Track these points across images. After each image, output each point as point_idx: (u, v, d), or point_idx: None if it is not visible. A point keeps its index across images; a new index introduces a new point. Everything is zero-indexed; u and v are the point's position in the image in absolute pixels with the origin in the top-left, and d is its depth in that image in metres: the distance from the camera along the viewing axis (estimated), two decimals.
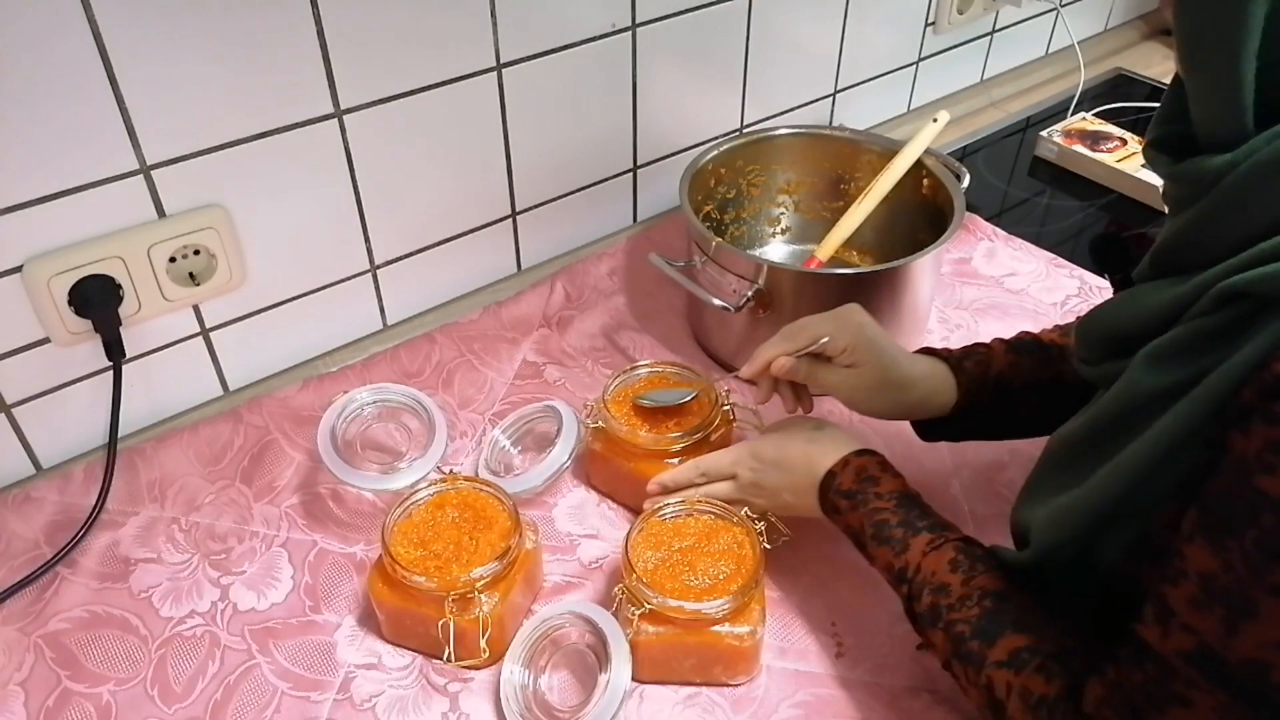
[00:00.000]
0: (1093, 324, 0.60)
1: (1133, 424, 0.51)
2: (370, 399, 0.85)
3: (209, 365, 0.94)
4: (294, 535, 0.83)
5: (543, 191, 1.09)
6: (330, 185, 0.91)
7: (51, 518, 0.83)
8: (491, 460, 0.88)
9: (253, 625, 0.76)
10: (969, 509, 0.86)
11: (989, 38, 1.47)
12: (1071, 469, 0.57)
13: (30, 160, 0.74)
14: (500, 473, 0.87)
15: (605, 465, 0.85)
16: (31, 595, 0.77)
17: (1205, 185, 0.50)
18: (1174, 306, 0.50)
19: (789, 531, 0.76)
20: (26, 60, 0.71)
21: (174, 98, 0.78)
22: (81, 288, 0.80)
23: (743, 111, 1.22)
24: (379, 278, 1.00)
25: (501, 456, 0.89)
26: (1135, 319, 0.54)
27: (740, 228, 1.14)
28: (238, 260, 0.88)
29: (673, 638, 0.69)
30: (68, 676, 0.72)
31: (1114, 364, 0.55)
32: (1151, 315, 0.52)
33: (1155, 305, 0.52)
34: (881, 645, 0.75)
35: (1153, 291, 0.53)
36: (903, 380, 0.77)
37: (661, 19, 1.06)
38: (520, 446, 0.90)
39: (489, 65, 0.95)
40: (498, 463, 0.88)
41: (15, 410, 0.84)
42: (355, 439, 0.84)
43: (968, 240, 1.17)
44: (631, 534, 0.72)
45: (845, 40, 1.26)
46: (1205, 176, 0.50)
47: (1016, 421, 0.80)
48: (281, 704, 0.71)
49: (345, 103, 0.87)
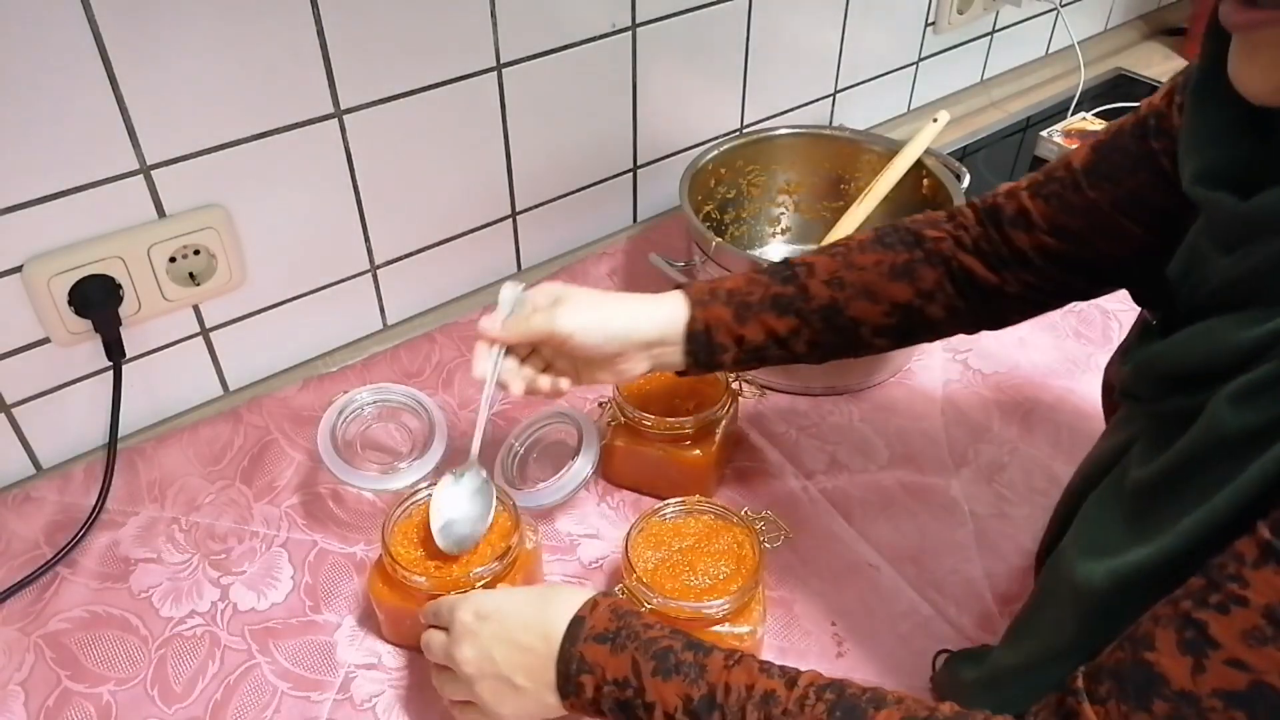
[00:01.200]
0: (1155, 362, 0.54)
1: (1219, 467, 0.46)
2: (370, 399, 0.85)
3: (209, 365, 0.94)
4: (294, 535, 0.83)
5: (543, 191, 1.09)
6: (330, 185, 0.91)
7: (51, 518, 0.83)
8: (507, 469, 0.87)
9: (253, 625, 0.76)
10: (969, 509, 0.86)
11: (989, 38, 1.47)
12: (1148, 518, 0.50)
13: (30, 160, 0.74)
14: (515, 482, 0.86)
15: (629, 458, 0.85)
16: (31, 595, 0.77)
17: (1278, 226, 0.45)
18: (1257, 345, 0.46)
19: (790, 531, 0.76)
20: (26, 60, 0.70)
21: (174, 98, 0.78)
22: (81, 288, 0.80)
23: (743, 111, 1.22)
24: (379, 278, 1.00)
25: (517, 466, 0.89)
26: (1209, 357, 0.49)
27: (740, 228, 1.14)
28: (238, 260, 0.88)
29: None
30: (68, 676, 0.72)
31: (1176, 401, 0.51)
32: (1231, 354, 0.47)
33: (1235, 344, 0.47)
34: (881, 645, 0.75)
35: (1228, 329, 0.48)
36: (617, 299, 0.71)
37: (661, 19, 1.06)
38: (534, 454, 0.90)
39: (489, 65, 0.95)
40: (513, 472, 0.87)
41: (15, 410, 0.84)
42: (355, 439, 0.84)
43: None
44: (631, 534, 0.72)
45: (845, 40, 1.26)
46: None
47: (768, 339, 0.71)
48: (281, 704, 0.71)
49: (345, 103, 0.87)
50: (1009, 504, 0.87)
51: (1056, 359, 1.01)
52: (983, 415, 0.95)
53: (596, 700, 0.56)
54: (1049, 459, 0.90)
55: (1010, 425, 0.94)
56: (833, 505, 0.86)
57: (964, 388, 0.99)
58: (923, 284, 0.71)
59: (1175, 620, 0.44)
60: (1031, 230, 0.68)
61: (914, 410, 0.96)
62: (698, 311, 0.71)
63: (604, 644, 0.57)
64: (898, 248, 0.71)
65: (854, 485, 0.88)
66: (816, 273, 0.71)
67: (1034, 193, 0.69)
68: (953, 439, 0.93)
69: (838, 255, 0.72)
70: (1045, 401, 0.96)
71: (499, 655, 0.59)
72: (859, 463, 0.90)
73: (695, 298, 0.71)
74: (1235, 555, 0.43)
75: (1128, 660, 0.45)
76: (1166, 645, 0.44)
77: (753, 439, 0.93)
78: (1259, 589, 0.41)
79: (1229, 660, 0.42)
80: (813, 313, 0.71)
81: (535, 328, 0.69)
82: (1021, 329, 1.05)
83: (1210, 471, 0.46)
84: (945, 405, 0.97)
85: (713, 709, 0.53)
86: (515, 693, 0.59)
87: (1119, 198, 0.64)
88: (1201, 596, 0.43)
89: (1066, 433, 0.93)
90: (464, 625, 0.62)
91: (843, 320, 0.71)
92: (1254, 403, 0.45)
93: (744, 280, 0.72)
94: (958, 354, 1.02)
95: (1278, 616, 0.41)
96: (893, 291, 0.71)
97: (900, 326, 0.72)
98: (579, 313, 0.69)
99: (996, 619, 0.77)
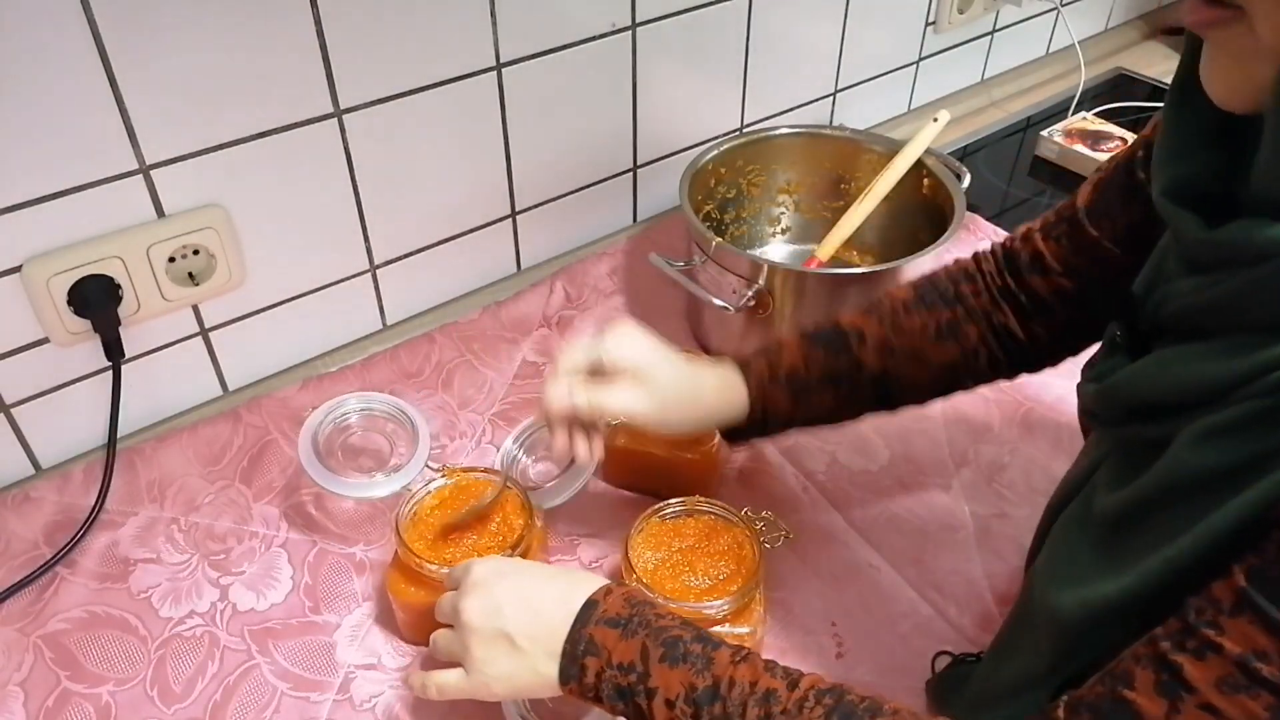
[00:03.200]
0: (1119, 390, 0.53)
1: (1184, 507, 0.46)
2: (354, 407, 0.83)
3: (208, 365, 0.94)
4: (293, 535, 0.83)
5: (543, 191, 1.08)
6: (330, 185, 0.91)
7: (51, 518, 0.83)
8: (507, 469, 0.87)
9: (252, 625, 0.76)
10: (969, 509, 0.86)
11: (989, 37, 1.47)
12: (1115, 550, 0.51)
13: (30, 160, 0.74)
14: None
15: (629, 458, 0.85)
16: (31, 595, 0.77)
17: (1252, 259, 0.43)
18: (1223, 382, 0.45)
19: (790, 531, 0.76)
20: (26, 60, 0.70)
21: (174, 98, 0.78)
22: (81, 288, 0.79)
23: (743, 111, 1.22)
24: (379, 278, 1.00)
25: (517, 468, 0.89)
26: (1175, 390, 0.48)
27: (740, 228, 1.14)
28: (237, 260, 0.88)
29: None
30: (67, 677, 0.72)
31: (1140, 428, 0.51)
32: (1196, 389, 0.47)
33: (1200, 379, 0.46)
34: (881, 645, 0.75)
35: (1192, 360, 0.47)
36: (693, 389, 0.71)
37: (661, 19, 1.06)
38: (534, 456, 0.90)
39: (489, 65, 0.95)
40: (513, 473, 0.87)
41: (15, 410, 0.84)
42: (337, 447, 0.83)
43: (968, 240, 1.17)
44: (631, 534, 0.72)
45: (845, 40, 1.26)
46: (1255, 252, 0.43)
47: (819, 413, 0.74)
48: (281, 704, 0.71)
49: (345, 102, 0.87)
50: (1009, 504, 0.86)
51: None
52: (983, 415, 0.95)
53: (596, 685, 0.56)
54: (1049, 459, 0.90)
55: (1010, 425, 0.94)
56: (833, 505, 0.86)
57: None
58: (966, 343, 0.72)
59: (1153, 661, 0.45)
60: (1047, 275, 0.69)
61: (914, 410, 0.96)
62: (756, 400, 0.73)
63: (615, 628, 0.56)
64: (939, 307, 0.73)
65: (854, 485, 0.88)
66: (868, 341, 0.73)
67: (1045, 234, 0.70)
68: (953, 439, 0.93)
69: (884, 320, 0.73)
70: (1045, 401, 0.96)
71: (508, 610, 0.58)
72: (859, 463, 0.90)
73: (756, 385, 0.73)
74: (1212, 600, 0.43)
75: (1106, 696, 0.46)
76: (1144, 685, 0.45)
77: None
78: (1233, 638, 0.42)
79: (1202, 705, 0.42)
80: (865, 384, 0.73)
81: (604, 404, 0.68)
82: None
83: (1175, 509, 0.47)
84: (945, 405, 0.96)
85: (715, 700, 0.53)
86: (512, 653, 0.58)
87: (1118, 234, 0.65)
88: (1179, 640, 0.44)
89: (1066, 433, 0.93)
90: (479, 577, 0.61)
91: (893, 386, 0.73)
92: (1218, 444, 0.45)
93: (801, 356, 0.73)
94: None
95: (1250, 667, 0.41)
96: (940, 353, 0.72)
97: (947, 383, 0.74)
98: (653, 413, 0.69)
99: (996, 619, 0.77)
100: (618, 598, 0.58)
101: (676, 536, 0.74)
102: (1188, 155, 0.50)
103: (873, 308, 0.75)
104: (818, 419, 0.75)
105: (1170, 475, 0.47)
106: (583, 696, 0.57)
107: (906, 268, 0.90)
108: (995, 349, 0.73)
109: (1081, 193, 0.68)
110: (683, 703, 0.53)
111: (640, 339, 0.71)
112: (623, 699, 0.55)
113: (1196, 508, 0.45)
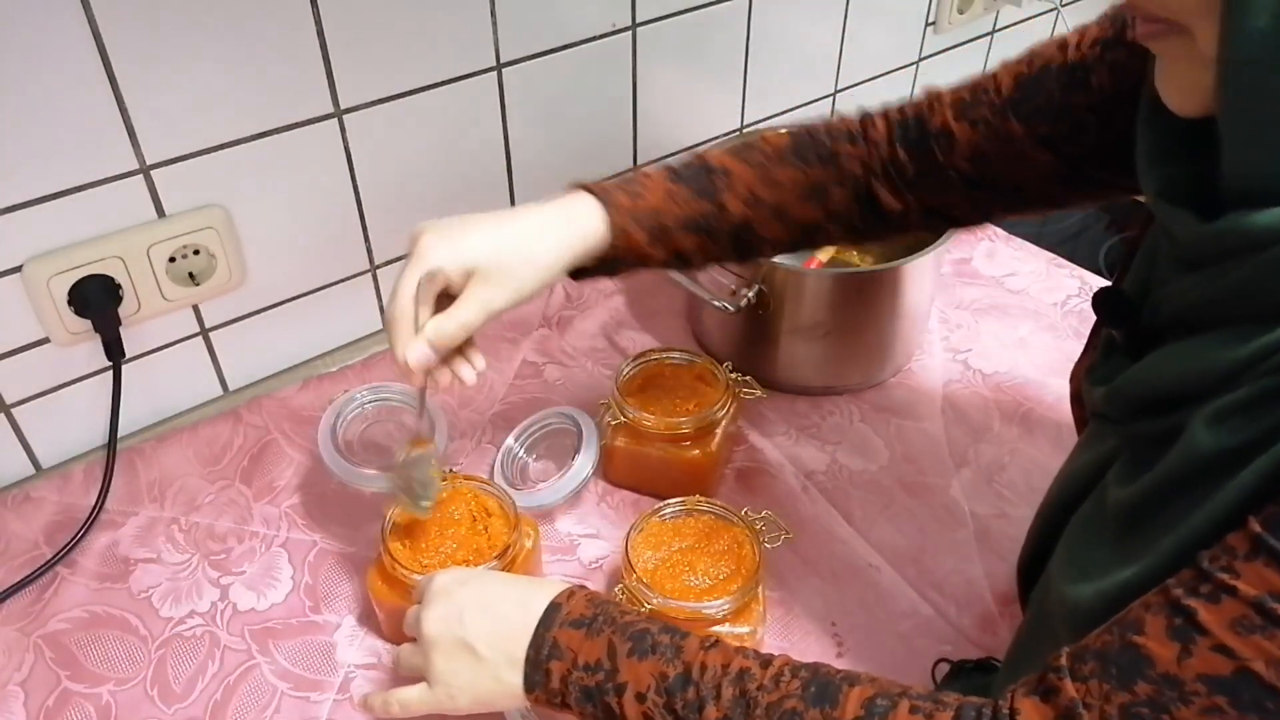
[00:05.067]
0: (1129, 387, 0.53)
1: (1198, 489, 0.46)
2: (369, 398, 0.85)
3: (208, 365, 0.94)
4: (294, 535, 0.83)
5: (543, 191, 1.07)
6: (330, 185, 0.91)
7: (51, 518, 0.83)
8: (507, 470, 0.87)
9: (252, 625, 0.76)
10: (969, 509, 0.86)
11: (989, 38, 1.47)
12: (1132, 540, 0.50)
13: (30, 160, 0.74)
14: (516, 483, 0.86)
15: (629, 458, 0.85)
16: (31, 595, 0.77)
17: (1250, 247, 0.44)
18: (1232, 368, 0.46)
19: (790, 531, 0.76)
20: (26, 60, 0.70)
21: (174, 97, 0.78)
22: (81, 288, 0.79)
23: (743, 111, 1.22)
24: (379, 278, 1.00)
25: (517, 466, 0.89)
26: (1182, 381, 0.49)
27: None
28: (237, 260, 0.88)
29: None
30: (67, 677, 0.72)
31: (1151, 423, 0.51)
32: (1206, 377, 0.47)
33: (1209, 368, 0.47)
34: (881, 645, 0.75)
35: (1201, 352, 0.48)
36: (535, 238, 0.66)
37: (661, 19, 1.06)
38: (535, 454, 0.90)
39: (489, 65, 0.95)
40: (513, 473, 0.88)
41: (15, 410, 0.84)
42: (355, 438, 0.84)
43: (968, 240, 1.17)
44: (631, 534, 0.72)
45: (845, 40, 1.26)
46: (1253, 239, 0.44)
47: (674, 258, 0.71)
48: (281, 704, 0.71)
49: (345, 102, 0.87)
50: (1009, 504, 0.87)
51: (1057, 359, 1.01)
52: (983, 415, 0.95)
53: (563, 690, 0.55)
54: (1049, 459, 0.90)
55: (1010, 425, 0.94)
56: (833, 505, 0.86)
57: (964, 388, 0.99)
58: (831, 205, 0.71)
59: (1165, 607, 0.45)
60: (952, 153, 0.69)
61: (914, 410, 0.96)
62: (619, 240, 0.68)
63: (579, 629, 0.56)
64: (813, 163, 0.71)
65: (854, 485, 0.88)
66: (735, 187, 0.70)
67: (959, 114, 0.69)
68: (953, 439, 0.93)
69: (754, 166, 0.71)
70: (1045, 401, 0.96)
71: (468, 618, 0.58)
72: (859, 463, 0.90)
73: (616, 221, 0.68)
74: (1227, 548, 0.43)
75: (1115, 643, 0.46)
76: (1155, 630, 0.44)
77: (753, 439, 0.93)
78: (1249, 580, 0.42)
79: (1216, 647, 0.42)
80: (724, 232, 0.71)
81: (471, 322, 0.64)
82: (1021, 329, 1.05)
83: (1190, 493, 0.47)
84: (945, 405, 0.97)
85: (688, 686, 0.52)
86: (474, 662, 0.57)
87: (1040, 136, 0.65)
88: (1192, 585, 0.44)
89: (1067, 433, 0.92)
90: (440, 587, 0.60)
91: (749, 238, 0.72)
92: (1230, 424, 0.45)
93: (664, 194, 0.69)
94: (958, 354, 1.03)
95: (1266, 608, 0.41)
96: (803, 212, 0.72)
97: (797, 242, 0.74)
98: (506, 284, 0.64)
99: (997, 619, 0.77)
100: (581, 599, 0.58)
101: (676, 536, 0.74)
102: (1174, 159, 0.51)
103: (745, 149, 0.72)
104: (671, 264, 0.71)
105: (1184, 460, 0.47)
106: (549, 704, 0.56)
107: (907, 268, 0.91)
108: (856, 217, 0.72)
109: (1004, 80, 0.67)
110: (654, 694, 0.53)
111: (446, 238, 0.65)
112: (591, 701, 0.54)
113: (1211, 486, 0.45)
